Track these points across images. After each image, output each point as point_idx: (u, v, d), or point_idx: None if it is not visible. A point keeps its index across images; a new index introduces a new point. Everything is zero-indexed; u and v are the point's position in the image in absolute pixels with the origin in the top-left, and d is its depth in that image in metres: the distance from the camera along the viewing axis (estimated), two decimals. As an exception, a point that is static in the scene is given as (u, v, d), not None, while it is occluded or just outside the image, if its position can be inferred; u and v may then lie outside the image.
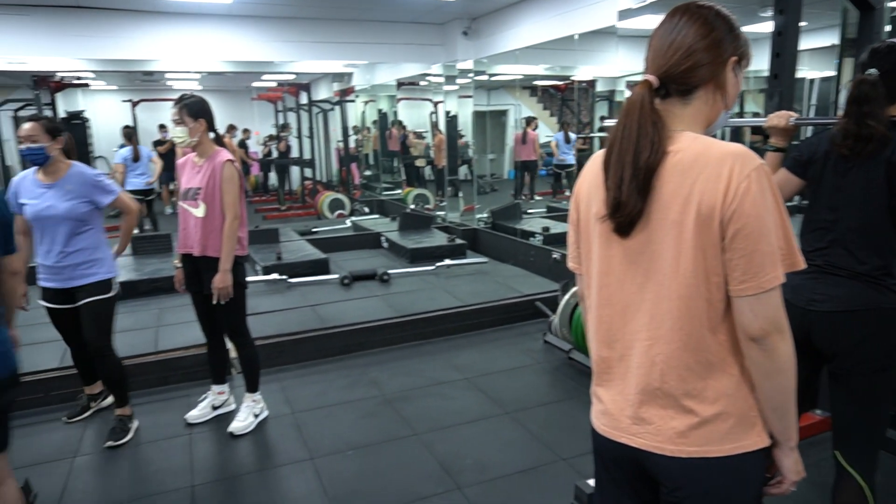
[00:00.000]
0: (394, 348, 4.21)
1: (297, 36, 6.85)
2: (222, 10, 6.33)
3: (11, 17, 5.83)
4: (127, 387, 3.14)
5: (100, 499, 2.60)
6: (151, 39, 6.46)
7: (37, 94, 8.82)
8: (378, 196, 10.80)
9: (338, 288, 5.27)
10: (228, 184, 2.87)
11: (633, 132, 1.08)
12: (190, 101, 2.87)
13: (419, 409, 3.32)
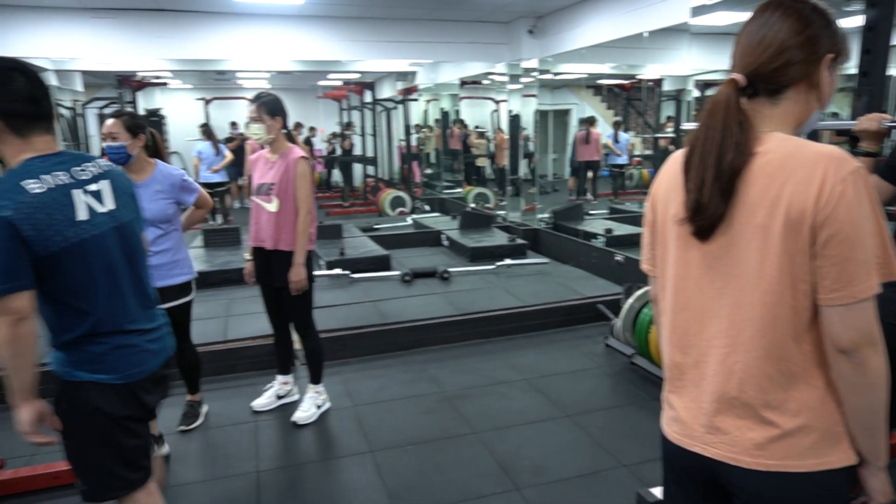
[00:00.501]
0: (453, 346, 4.23)
1: (364, 35, 6.97)
2: (293, 11, 6.50)
3: (101, 20, 6.17)
4: (199, 374, 3.28)
5: (172, 479, 2.72)
6: (225, 40, 6.71)
7: (120, 93, 9.32)
8: (439, 194, 10.86)
9: (399, 284, 5.33)
10: (301, 180, 2.95)
11: (717, 133, 1.05)
12: (267, 100, 2.95)
13: (478, 408, 3.32)
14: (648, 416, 3.22)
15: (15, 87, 1.50)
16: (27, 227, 1.44)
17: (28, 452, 2.97)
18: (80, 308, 1.58)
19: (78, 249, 1.54)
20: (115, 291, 1.64)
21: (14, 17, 5.99)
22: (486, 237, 6.76)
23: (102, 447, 1.65)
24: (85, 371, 1.61)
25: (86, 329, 1.59)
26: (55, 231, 1.50)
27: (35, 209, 1.46)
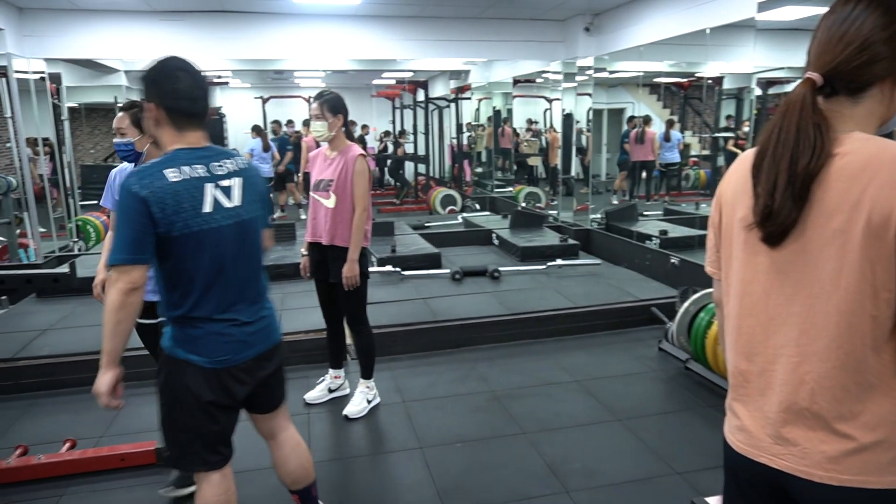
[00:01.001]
0: (503, 345, 4.22)
1: (419, 34, 7.01)
2: (350, 11, 6.60)
3: (167, 22, 6.42)
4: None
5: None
6: (284, 40, 6.87)
7: (183, 92, 9.64)
8: (489, 193, 10.84)
9: (449, 282, 5.35)
10: (360, 177, 2.99)
11: (791, 135, 1.01)
12: (330, 97, 3.01)
13: (528, 408, 3.31)
14: (704, 423, 3.14)
15: (180, 85, 1.69)
16: (157, 210, 1.59)
17: (96, 434, 3.13)
18: (185, 290, 1.70)
19: (195, 238, 1.66)
20: (220, 282, 1.73)
21: (89, 19, 6.29)
22: (537, 237, 6.71)
23: (186, 422, 1.77)
24: (182, 349, 1.74)
25: (185, 310, 1.71)
26: (180, 218, 1.63)
27: (167, 195, 1.61)
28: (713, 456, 2.81)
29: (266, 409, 2.00)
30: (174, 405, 1.77)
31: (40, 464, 2.72)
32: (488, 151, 12.10)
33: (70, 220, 7.35)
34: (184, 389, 1.74)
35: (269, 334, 1.91)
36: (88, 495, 2.61)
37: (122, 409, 1.79)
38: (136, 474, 2.76)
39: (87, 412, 3.37)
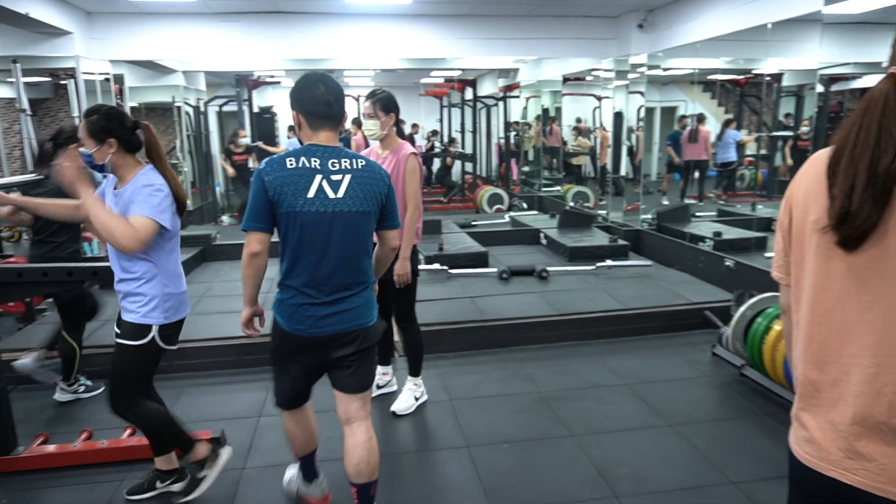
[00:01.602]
0: (550, 346, 4.18)
1: (469, 33, 7.00)
2: (401, 10, 6.64)
3: (225, 23, 6.60)
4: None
5: (277, 457, 2.87)
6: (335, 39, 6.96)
7: (238, 91, 9.91)
8: (536, 192, 10.75)
9: (496, 281, 5.33)
10: (411, 175, 2.98)
11: (873, 134, 0.96)
12: (382, 96, 3.00)
13: (575, 411, 3.27)
14: (760, 432, 3.04)
15: (317, 93, 2.01)
16: (271, 190, 1.94)
17: (155, 422, 3.24)
18: (285, 259, 2.03)
19: (294, 217, 1.96)
20: (310, 259, 2.00)
21: (151, 22, 6.52)
22: (586, 237, 6.62)
23: (274, 366, 2.21)
24: (275, 309, 2.10)
25: (282, 277, 2.06)
26: (286, 199, 1.94)
27: (282, 179, 1.94)
28: (770, 466, 2.72)
29: (343, 389, 2.17)
30: (272, 351, 2.17)
31: (104, 448, 2.84)
32: (536, 150, 12.01)
33: (130, 215, 7.63)
34: (275, 340, 2.13)
35: (351, 319, 2.08)
36: (147, 480, 2.70)
37: (255, 336, 2.27)
38: (192, 462, 2.84)
39: (146, 400, 3.50)
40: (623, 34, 7.00)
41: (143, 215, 2.14)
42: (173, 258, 2.36)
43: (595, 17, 7.06)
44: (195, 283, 5.61)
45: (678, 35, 6.27)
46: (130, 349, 2.28)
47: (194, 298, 5.01)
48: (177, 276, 2.38)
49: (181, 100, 9.75)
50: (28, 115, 5.87)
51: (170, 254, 2.33)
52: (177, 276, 2.38)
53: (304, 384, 2.20)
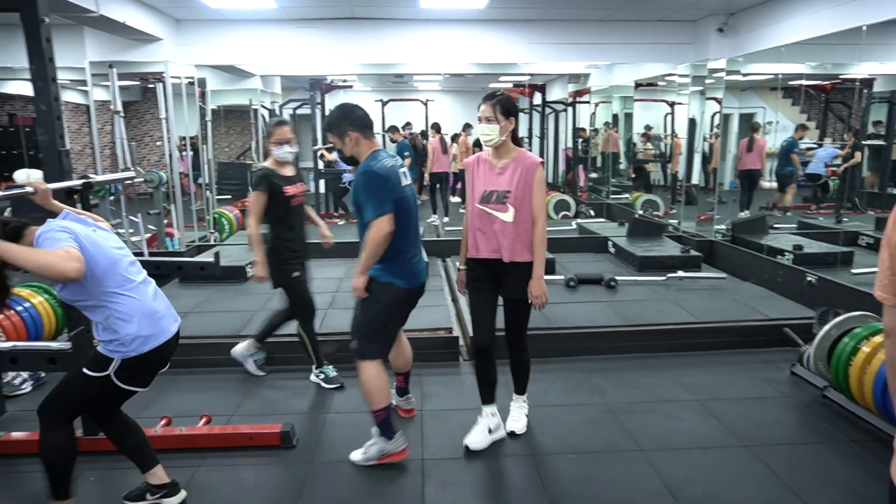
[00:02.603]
0: (618, 357, 4.08)
1: (542, 38, 6.96)
2: (474, 15, 6.68)
3: (301, 29, 6.82)
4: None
5: (343, 454, 2.92)
6: (407, 45, 7.07)
7: (311, 95, 10.20)
8: (604, 199, 10.56)
9: (563, 289, 5.26)
10: (539, 187, 2.75)
11: None
12: (503, 98, 2.73)
13: (644, 424, 3.18)
14: (843, 458, 2.86)
15: (361, 113, 2.74)
16: (388, 181, 2.60)
17: (228, 413, 3.37)
18: (398, 233, 2.63)
19: (402, 200, 2.66)
20: (411, 230, 2.74)
21: (233, 28, 6.81)
22: (656, 246, 6.44)
23: (383, 326, 2.77)
24: (391, 276, 2.70)
25: (397, 247, 2.66)
26: (394, 186, 2.63)
27: (388, 173, 2.62)
28: (854, 496, 2.56)
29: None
30: (378, 313, 2.73)
31: (181, 435, 2.97)
32: (604, 156, 11.79)
33: (208, 213, 7.98)
34: (390, 304, 2.72)
35: (427, 271, 2.89)
36: (221, 469, 2.81)
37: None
38: (263, 454, 2.94)
39: (221, 391, 3.65)
40: (701, 38, 6.79)
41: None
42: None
43: (672, 21, 6.88)
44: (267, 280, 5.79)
45: (761, 39, 6.03)
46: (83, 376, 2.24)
47: (265, 295, 5.18)
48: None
49: (258, 103, 10.13)
50: (121, 117, 6.24)
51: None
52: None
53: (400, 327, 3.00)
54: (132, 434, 2.48)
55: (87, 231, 2.20)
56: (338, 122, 2.71)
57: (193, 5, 6.03)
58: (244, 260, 5.85)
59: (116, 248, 2.29)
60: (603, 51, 7.13)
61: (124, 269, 2.24)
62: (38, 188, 2.34)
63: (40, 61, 2.52)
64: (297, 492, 2.63)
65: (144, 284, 2.32)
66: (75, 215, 2.30)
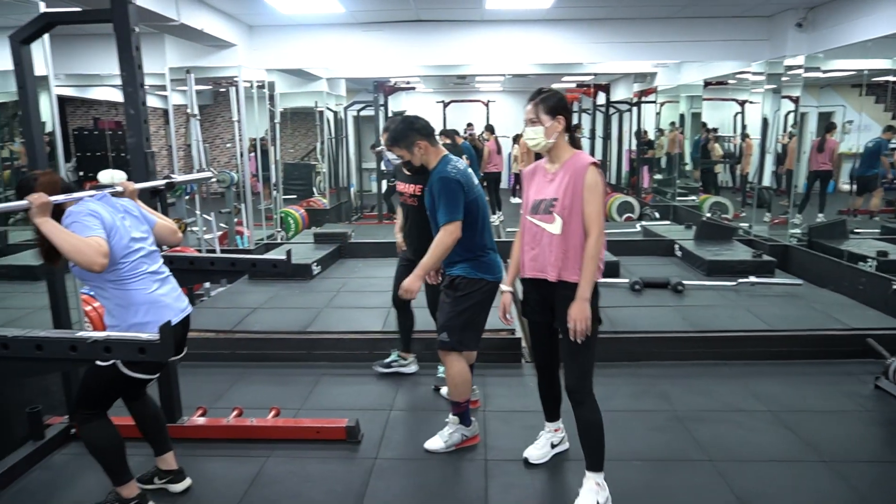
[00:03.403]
0: (685, 363, 3.97)
1: (607, 37, 6.85)
2: (539, 16, 6.64)
3: (367, 33, 6.95)
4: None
5: (408, 451, 2.96)
6: (470, 46, 7.10)
7: (375, 97, 10.37)
8: (670, 201, 10.28)
9: (627, 293, 5.15)
10: (591, 192, 2.33)
11: None
12: (546, 96, 2.41)
13: (714, 434, 3.07)
14: (935, 479, 2.69)
15: (424, 122, 2.93)
16: (465, 186, 2.76)
17: (295, 406, 3.47)
18: (475, 233, 2.79)
19: (475, 201, 2.80)
20: (487, 226, 2.87)
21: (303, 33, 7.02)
22: (726, 250, 6.22)
23: (475, 319, 2.86)
24: (481, 272, 2.83)
25: (476, 245, 2.82)
26: (469, 189, 2.77)
27: (464, 178, 2.78)
28: (949, 519, 2.40)
29: None
30: (472, 308, 2.82)
31: (252, 426, 3.08)
32: (669, 157, 11.48)
33: (276, 212, 8.24)
34: (480, 298, 2.83)
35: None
36: (289, 460, 2.89)
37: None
38: (329, 447, 3.00)
39: (288, 385, 3.76)
40: (778, 34, 6.52)
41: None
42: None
43: (747, 17, 6.64)
44: (331, 278, 5.94)
45: (844, 34, 5.73)
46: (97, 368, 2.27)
47: (330, 293, 5.31)
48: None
49: (323, 105, 10.39)
50: (197, 120, 6.52)
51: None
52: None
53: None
54: (151, 420, 2.61)
55: (113, 218, 2.24)
56: (404, 135, 2.85)
57: (266, 11, 6.25)
58: (310, 258, 6.01)
59: (138, 238, 2.33)
60: (671, 49, 6.95)
61: (135, 260, 2.27)
62: (127, 188, 2.48)
63: (130, 68, 2.66)
64: (363, 486, 2.68)
65: (153, 275, 2.34)
66: (110, 198, 2.35)
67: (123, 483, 2.39)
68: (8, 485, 2.67)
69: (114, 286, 2.24)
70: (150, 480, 2.64)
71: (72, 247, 2.03)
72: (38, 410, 2.94)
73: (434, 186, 2.77)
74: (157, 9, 5.05)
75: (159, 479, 2.64)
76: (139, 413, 2.59)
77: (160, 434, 2.63)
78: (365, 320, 4.49)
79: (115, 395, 2.42)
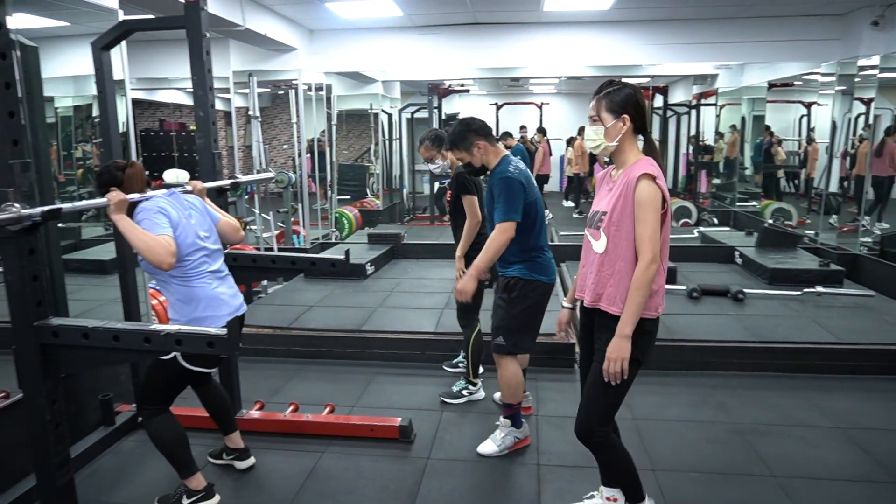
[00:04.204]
0: (746, 375, 3.84)
1: (667, 38, 6.70)
2: (597, 17, 6.55)
3: (424, 35, 7.01)
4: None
5: (460, 452, 2.97)
6: (526, 48, 7.06)
7: (429, 100, 10.44)
8: (729, 206, 9.96)
9: (685, 300, 5.02)
10: (643, 210, 1.94)
11: None
12: (613, 90, 2.04)
13: (777, 449, 2.96)
14: None
15: (481, 122, 2.92)
16: (526, 187, 2.74)
17: (349, 404, 3.52)
18: (532, 234, 2.78)
19: (534, 203, 2.79)
20: (542, 229, 2.84)
21: (360, 36, 7.13)
22: (790, 258, 5.99)
23: (531, 320, 2.85)
24: (536, 273, 2.79)
25: (537, 247, 2.80)
26: (531, 190, 2.77)
27: (526, 179, 2.77)
28: None
29: None
30: (527, 310, 2.80)
31: (308, 421, 3.15)
32: (728, 161, 11.12)
33: (331, 212, 8.40)
34: (534, 300, 2.80)
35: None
36: (343, 456, 2.94)
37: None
38: (382, 445, 3.04)
39: (342, 383, 3.82)
40: (851, 33, 6.24)
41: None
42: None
43: (817, 16, 6.38)
44: (384, 278, 6.01)
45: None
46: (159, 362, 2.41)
47: (384, 293, 5.37)
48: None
49: (378, 107, 10.52)
50: (259, 121, 6.73)
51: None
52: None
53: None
54: (218, 402, 2.77)
55: (179, 216, 2.34)
56: (463, 136, 2.86)
57: (326, 16, 6.38)
58: (364, 258, 6.10)
59: (202, 236, 2.41)
60: (735, 50, 6.74)
61: (198, 259, 2.36)
62: (195, 187, 2.58)
63: (200, 72, 2.77)
64: (415, 485, 2.70)
65: (214, 273, 2.43)
66: (178, 196, 2.44)
67: (191, 475, 2.48)
68: (82, 466, 2.82)
69: (177, 282, 2.34)
70: (219, 456, 2.87)
71: (144, 244, 2.12)
72: (109, 398, 3.08)
73: (495, 186, 2.76)
74: (224, 14, 5.23)
75: (227, 454, 2.85)
76: (206, 396, 2.75)
77: (226, 415, 2.79)
78: (418, 321, 4.53)
79: (176, 389, 2.53)
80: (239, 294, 2.55)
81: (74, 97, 6.30)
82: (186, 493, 2.49)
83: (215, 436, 2.91)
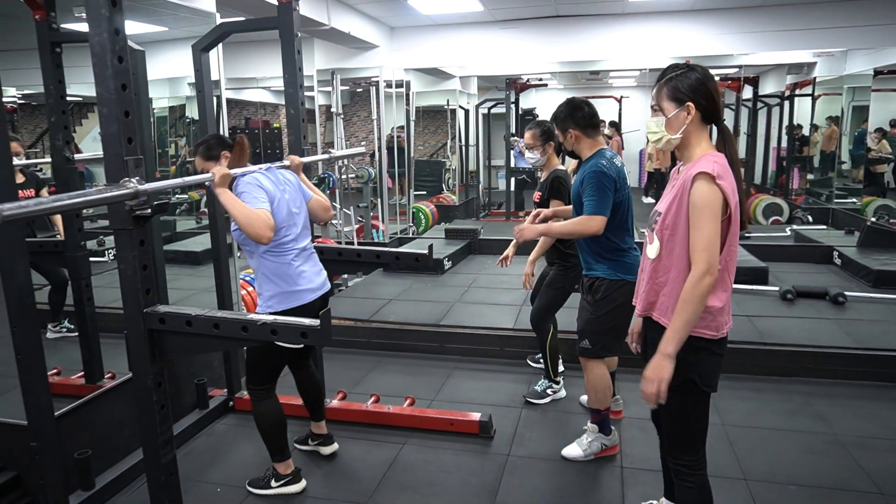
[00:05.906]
0: (847, 383, 3.60)
1: (759, 26, 6.36)
2: (684, 6, 6.31)
3: (503, 30, 6.97)
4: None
5: (539, 450, 2.94)
6: (607, 40, 6.89)
7: (507, 94, 10.37)
8: (825, 203, 9.35)
9: (777, 302, 4.76)
10: (698, 214, 1.69)
11: None
12: (674, 76, 1.80)
13: (885, 465, 2.76)
14: None
15: (586, 111, 2.76)
16: (619, 183, 2.66)
17: (428, 397, 3.56)
18: (620, 232, 2.70)
19: (624, 200, 2.70)
20: (631, 227, 2.76)
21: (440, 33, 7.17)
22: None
23: (619, 322, 2.69)
24: (622, 273, 2.68)
25: (624, 246, 2.71)
26: (622, 186, 2.69)
27: (619, 175, 2.68)
28: None
29: None
30: (613, 311, 2.68)
31: (389, 413, 3.20)
32: (823, 155, 10.43)
33: (409, 208, 8.51)
34: (621, 301, 2.63)
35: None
36: (424, 449, 2.98)
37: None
38: (461, 440, 3.06)
39: (421, 376, 3.87)
40: (971, 15, 5.71)
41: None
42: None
43: (932, -4, 5.88)
44: (462, 273, 6.03)
45: None
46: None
47: (461, 288, 5.39)
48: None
49: (455, 103, 10.56)
50: (341, 118, 6.90)
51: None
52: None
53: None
54: (313, 388, 2.87)
55: (275, 190, 2.41)
56: (563, 118, 2.80)
57: (408, 13, 6.45)
58: (442, 253, 6.14)
59: (295, 213, 2.48)
60: (836, 35, 6.31)
61: (287, 234, 2.42)
62: (293, 161, 2.66)
63: (292, 70, 2.85)
64: (496, 481, 2.70)
65: (302, 251, 2.49)
66: (275, 171, 2.51)
67: (282, 460, 2.60)
68: (179, 446, 2.99)
69: (266, 256, 2.42)
70: (305, 442, 2.98)
71: (246, 217, 2.20)
72: (203, 383, 3.25)
73: (585, 179, 2.68)
74: (311, 14, 5.39)
75: (312, 440, 2.95)
76: (303, 381, 2.86)
77: (318, 403, 2.90)
78: (496, 317, 4.52)
79: (275, 365, 2.61)
80: (323, 271, 2.64)
81: (170, 98, 6.69)
82: (275, 476, 2.60)
83: (301, 423, 3.01)
